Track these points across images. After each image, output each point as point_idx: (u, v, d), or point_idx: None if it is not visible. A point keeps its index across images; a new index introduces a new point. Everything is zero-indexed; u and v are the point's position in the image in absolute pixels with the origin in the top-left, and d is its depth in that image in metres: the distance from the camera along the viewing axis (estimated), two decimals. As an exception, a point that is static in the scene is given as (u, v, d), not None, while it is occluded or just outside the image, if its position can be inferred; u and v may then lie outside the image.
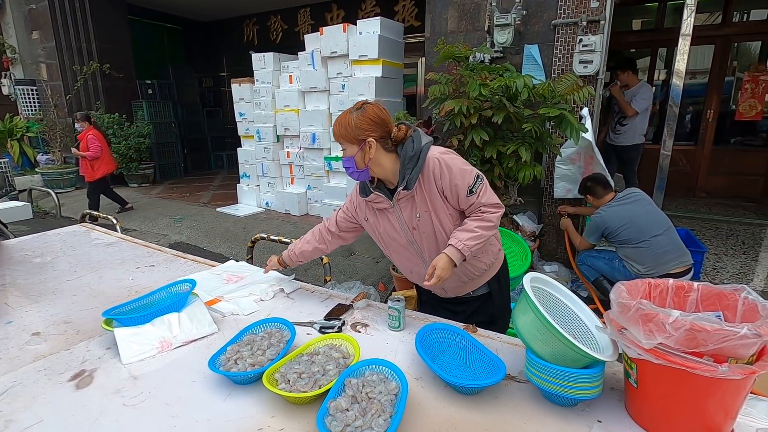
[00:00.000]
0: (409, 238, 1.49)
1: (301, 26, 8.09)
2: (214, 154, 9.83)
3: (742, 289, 0.95)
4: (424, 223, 1.44)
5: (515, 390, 1.09)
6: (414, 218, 1.44)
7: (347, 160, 1.42)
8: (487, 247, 1.52)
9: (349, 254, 4.36)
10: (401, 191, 1.40)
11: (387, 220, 1.50)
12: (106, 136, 6.08)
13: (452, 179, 1.36)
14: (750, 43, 5.79)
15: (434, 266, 1.35)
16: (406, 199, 1.43)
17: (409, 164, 1.39)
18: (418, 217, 1.43)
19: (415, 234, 1.47)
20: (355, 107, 1.40)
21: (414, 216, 1.44)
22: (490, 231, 1.38)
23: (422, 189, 1.40)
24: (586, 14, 3.36)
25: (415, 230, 1.46)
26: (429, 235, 1.45)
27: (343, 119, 1.39)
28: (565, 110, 2.81)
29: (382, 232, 1.54)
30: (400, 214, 1.46)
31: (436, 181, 1.38)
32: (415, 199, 1.42)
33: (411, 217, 1.44)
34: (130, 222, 5.47)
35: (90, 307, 1.57)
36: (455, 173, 1.36)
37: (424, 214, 1.42)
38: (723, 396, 0.85)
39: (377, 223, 1.53)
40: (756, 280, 3.33)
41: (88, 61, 7.14)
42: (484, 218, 1.37)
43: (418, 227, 1.45)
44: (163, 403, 1.05)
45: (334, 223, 1.65)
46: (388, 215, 1.49)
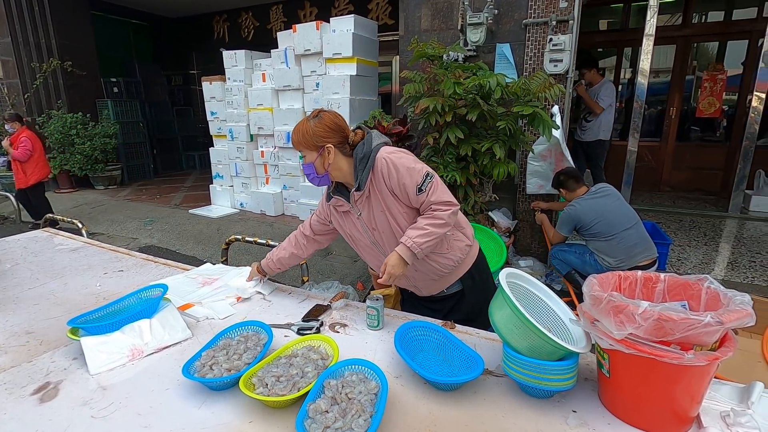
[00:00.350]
0: (371, 238, 1.52)
1: (274, 23, 7.96)
2: (186, 154, 9.56)
3: (705, 279, 1.00)
4: (381, 223, 1.47)
5: (493, 384, 1.11)
6: (372, 219, 1.47)
7: (307, 166, 1.46)
8: (452, 243, 1.53)
9: (326, 254, 4.33)
10: (355, 193, 1.44)
11: (351, 222, 1.54)
12: (43, 139, 5.71)
13: (400, 178, 1.38)
14: (708, 44, 6.07)
15: (386, 264, 1.39)
16: (362, 200, 1.46)
17: (360, 165, 1.43)
18: (368, 217, 1.47)
19: (376, 234, 1.50)
20: (311, 115, 1.45)
21: (371, 216, 1.47)
22: (442, 228, 1.39)
23: (374, 189, 1.43)
24: (556, 14, 3.44)
25: (375, 230, 1.50)
26: (388, 234, 1.48)
27: (300, 127, 1.43)
28: (537, 108, 2.87)
29: (348, 234, 1.58)
30: (360, 215, 1.49)
31: (385, 181, 1.40)
32: (370, 199, 1.45)
33: (369, 218, 1.48)
34: (96, 226, 5.26)
35: (54, 315, 1.49)
36: (402, 172, 1.38)
37: (380, 214, 1.45)
38: (689, 382, 0.89)
39: (343, 225, 1.57)
40: (717, 269, 3.50)
41: (47, 58, 6.81)
42: (435, 216, 1.38)
43: (377, 227, 1.49)
44: (135, 414, 1.01)
45: (309, 227, 1.67)
46: (351, 217, 1.53)
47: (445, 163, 3.05)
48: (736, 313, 0.83)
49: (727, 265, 3.54)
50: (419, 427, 0.96)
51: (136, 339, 1.25)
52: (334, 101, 4.71)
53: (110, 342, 1.22)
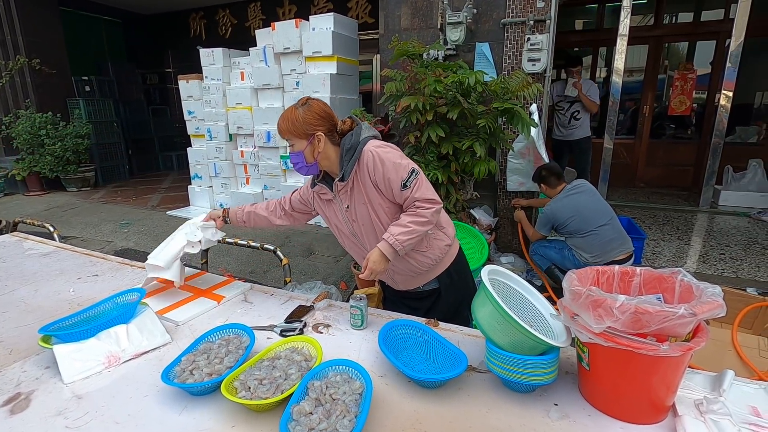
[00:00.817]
0: (350, 229, 1.53)
1: (252, 21, 7.84)
2: (162, 154, 9.33)
3: (678, 272, 1.03)
4: (361, 215, 1.47)
5: (477, 380, 1.12)
6: (353, 210, 1.48)
7: (296, 155, 1.43)
8: (431, 242, 1.53)
9: (309, 254, 4.30)
10: (338, 182, 1.45)
11: (332, 211, 1.55)
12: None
13: (385, 172, 1.37)
14: (679, 44, 6.27)
15: (368, 259, 1.39)
16: (345, 191, 1.46)
17: (346, 156, 1.42)
18: (354, 208, 1.47)
19: (356, 226, 1.51)
20: (299, 103, 1.42)
21: (352, 206, 1.47)
22: (424, 227, 1.39)
23: (358, 181, 1.43)
24: (533, 14, 3.49)
25: (354, 222, 1.50)
26: (368, 227, 1.48)
27: (289, 115, 1.40)
28: (516, 105, 2.91)
29: (331, 223, 1.59)
30: (342, 205, 1.49)
31: (370, 174, 1.40)
32: (353, 191, 1.45)
33: (351, 209, 1.48)
34: (69, 229, 5.09)
35: (24, 323, 1.44)
36: (388, 167, 1.37)
37: (361, 206, 1.45)
38: (665, 372, 0.91)
39: (326, 212, 1.58)
40: (689, 262, 3.63)
41: (14, 56, 6.54)
42: (418, 213, 1.38)
43: (357, 219, 1.49)
44: (112, 422, 0.98)
45: (288, 201, 1.69)
46: (333, 206, 1.53)
47: (427, 162, 3.07)
48: (708, 304, 0.86)
49: (699, 258, 3.67)
50: (404, 426, 0.97)
51: (112, 345, 1.21)
52: (314, 100, 4.66)
53: (85, 349, 1.18)
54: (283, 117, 1.42)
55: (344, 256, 4.14)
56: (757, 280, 3.25)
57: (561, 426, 0.95)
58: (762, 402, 0.98)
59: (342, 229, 1.56)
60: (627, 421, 0.95)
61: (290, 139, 1.42)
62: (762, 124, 5.84)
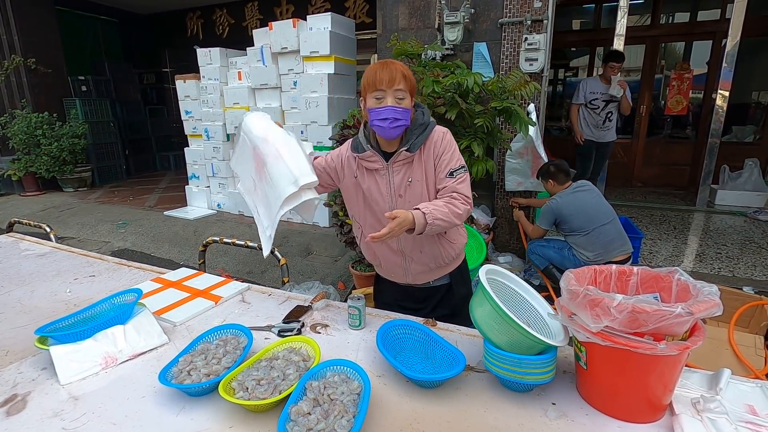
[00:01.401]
0: (391, 205, 1.45)
1: (249, 21, 7.82)
2: (160, 154, 9.30)
3: (675, 271, 1.03)
4: (412, 191, 1.42)
5: (475, 380, 1.12)
6: (404, 184, 1.42)
7: (405, 111, 1.34)
8: (458, 236, 1.55)
9: (307, 254, 4.30)
10: (403, 152, 1.38)
11: (374, 181, 1.45)
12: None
13: (445, 153, 1.39)
14: (675, 44, 6.30)
15: (397, 215, 1.23)
16: (403, 163, 1.41)
17: (416, 130, 1.40)
18: (409, 182, 1.41)
19: (399, 202, 1.44)
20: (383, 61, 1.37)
21: (405, 181, 1.42)
22: (456, 219, 1.35)
23: (421, 156, 1.41)
24: (530, 14, 3.49)
25: (401, 198, 1.44)
26: (414, 205, 1.38)
27: (401, 68, 1.33)
28: (514, 104, 2.91)
29: (365, 195, 1.48)
30: (391, 177, 1.43)
31: (435, 150, 1.40)
32: (412, 165, 1.41)
33: (401, 183, 1.42)
34: (66, 230, 5.07)
35: (20, 324, 1.43)
36: (451, 151, 1.40)
37: (417, 183, 1.41)
38: (662, 371, 0.92)
39: (363, 182, 1.47)
40: (686, 261, 3.64)
41: (9, 55, 6.51)
42: (454, 204, 1.36)
43: (405, 195, 1.43)
44: (110, 424, 0.98)
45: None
46: (377, 177, 1.45)
47: (425, 162, 3.07)
48: (705, 303, 0.86)
49: (695, 257, 3.69)
50: (402, 426, 0.97)
51: (109, 346, 1.21)
52: (312, 99, 4.67)
53: (82, 350, 1.17)
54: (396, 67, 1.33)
55: (342, 257, 4.14)
56: (753, 279, 3.27)
57: (559, 425, 0.96)
58: (759, 400, 0.99)
59: (379, 202, 1.46)
60: (624, 420, 0.96)
61: (404, 93, 1.33)
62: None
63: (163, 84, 9.41)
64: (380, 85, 1.31)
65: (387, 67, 1.33)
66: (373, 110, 1.34)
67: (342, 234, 3.36)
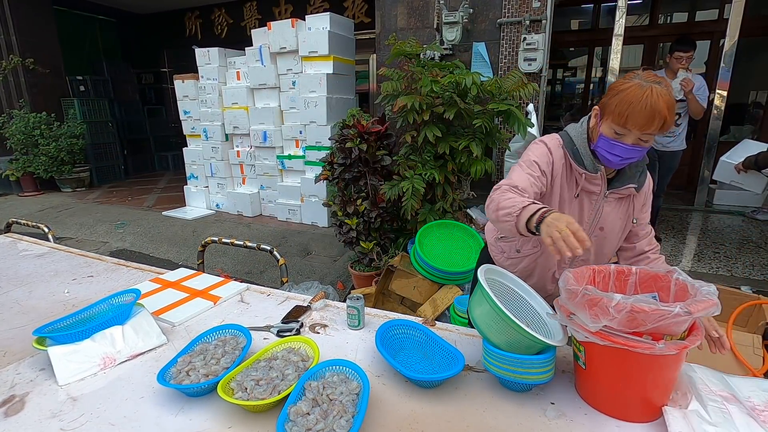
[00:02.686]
0: (589, 233, 1.27)
1: (248, 21, 7.82)
2: (158, 154, 9.30)
3: (674, 271, 1.04)
4: (613, 230, 1.29)
5: (474, 380, 1.12)
6: (611, 219, 1.28)
7: (644, 150, 1.15)
8: None
9: (306, 254, 4.30)
10: (632, 188, 1.24)
11: (579, 205, 1.28)
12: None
13: (649, 202, 1.32)
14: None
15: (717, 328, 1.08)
16: (619, 198, 1.27)
17: (640, 166, 1.27)
18: (634, 223, 1.30)
19: (597, 235, 1.30)
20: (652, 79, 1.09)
21: (615, 217, 1.28)
22: None
23: (637, 198, 1.29)
24: (529, 14, 3.50)
25: (601, 231, 1.30)
26: (607, 243, 1.31)
27: (671, 103, 1.07)
28: (512, 106, 2.91)
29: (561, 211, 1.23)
30: (601, 207, 1.27)
31: (645, 197, 1.30)
32: (624, 202, 1.28)
33: (608, 217, 1.28)
34: (64, 230, 5.06)
35: (19, 325, 1.42)
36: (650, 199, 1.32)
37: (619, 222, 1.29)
38: (661, 370, 0.92)
39: (572, 203, 1.28)
40: (684, 261, 3.64)
41: (7, 55, 6.50)
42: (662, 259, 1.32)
43: (606, 230, 1.29)
44: (108, 424, 0.98)
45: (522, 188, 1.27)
46: (585, 201, 1.27)
47: (424, 161, 3.07)
48: (703, 303, 0.87)
49: (694, 257, 3.69)
50: (402, 426, 0.96)
51: (107, 347, 1.21)
52: (311, 99, 4.67)
53: (80, 351, 1.17)
54: (667, 102, 1.06)
55: (341, 256, 4.14)
56: (751, 278, 3.27)
57: (558, 425, 0.96)
58: (758, 399, 0.99)
59: None
60: (623, 419, 0.96)
61: (653, 136, 1.12)
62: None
63: (161, 84, 9.40)
64: (631, 126, 1.09)
65: (649, 105, 1.05)
66: (605, 139, 1.15)
67: (341, 234, 3.36)
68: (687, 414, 0.91)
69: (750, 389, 0.98)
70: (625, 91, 1.09)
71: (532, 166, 1.25)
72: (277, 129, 5.08)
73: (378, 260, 3.21)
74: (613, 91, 1.12)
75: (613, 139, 1.13)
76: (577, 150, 1.25)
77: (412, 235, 3.19)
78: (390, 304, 2.91)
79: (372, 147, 3.18)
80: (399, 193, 2.95)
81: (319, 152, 4.74)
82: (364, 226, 3.25)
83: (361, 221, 3.24)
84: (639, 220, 1.32)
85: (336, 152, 3.31)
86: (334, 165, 3.30)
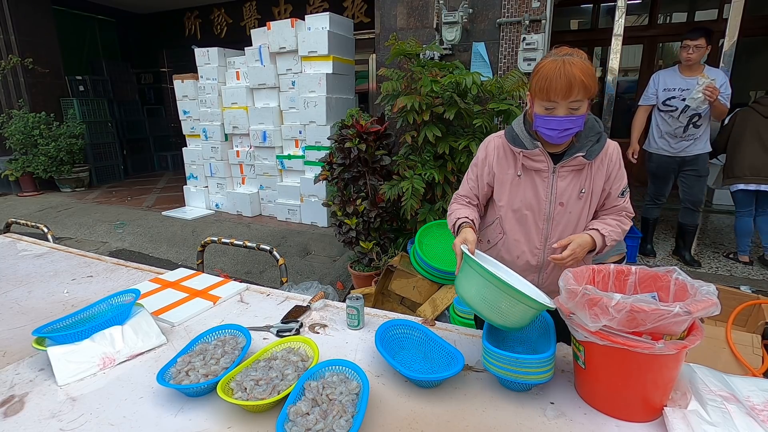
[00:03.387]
0: (547, 212, 1.32)
1: (247, 20, 7.81)
2: (158, 154, 9.29)
3: (673, 271, 1.04)
4: (573, 203, 1.30)
5: (473, 380, 1.12)
6: (568, 193, 1.29)
7: (579, 119, 1.18)
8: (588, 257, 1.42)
9: (305, 254, 4.30)
10: (579, 157, 1.25)
11: (532, 183, 1.32)
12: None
13: (620, 169, 1.30)
14: (673, 43, 6.30)
15: (570, 240, 1.21)
16: (573, 170, 1.28)
17: (592, 136, 1.27)
18: (582, 192, 1.29)
19: (558, 211, 1.31)
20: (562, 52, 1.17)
21: (571, 189, 1.29)
22: (621, 237, 1.30)
23: (592, 166, 1.28)
24: (528, 14, 3.50)
25: (561, 207, 1.31)
26: (572, 218, 1.31)
27: (580, 74, 1.12)
28: (512, 105, 2.91)
29: (518, 195, 1.34)
30: (554, 182, 1.29)
31: (611, 164, 1.29)
32: (582, 173, 1.29)
33: (564, 191, 1.29)
34: (63, 230, 5.05)
35: (18, 325, 1.42)
36: (622, 170, 1.31)
37: (579, 195, 1.30)
38: (660, 370, 0.92)
39: (517, 182, 1.33)
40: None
41: (6, 55, 6.49)
42: (623, 222, 1.30)
43: (567, 204, 1.30)
44: (107, 424, 0.98)
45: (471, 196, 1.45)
46: (536, 179, 1.31)
47: (423, 161, 3.07)
48: (703, 302, 0.87)
49: (693, 257, 3.69)
50: (401, 425, 0.96)
51: (107, 347, 1.20)
52: (310, 99, 4.67)
53: (79, 351, 1.17)
54: (581, 69, 1.12)
55: (341, 256, 4.14)
56: (750, 278, 3.28)
57: (557, 424, 0.96)
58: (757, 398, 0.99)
59: (532, 206, 1.32)
60: (623, 419, 0.96)
61: (580, 102, 1.15)
62: None
63: (161, 84, 9.39)
64: (553, 97, 1.15)
65: (563, 74, 1.12)
66: (539, 117, 1.21)
67: (340, 234, 3.36)
68: (686, 414, 0.91)
69: (749, 389, 0.98)
70: (541, 69, 1.18)
71: (470, 171, 1.45)
72: (276, 129, 5.08)
73: (377, 260, 3.21)
74: (534, 73, 1.21)
75: (545, 116, 1.20)
76: (516, 135, 1.32)
77: (412, 235, 3.19)
78: (389, 304, 2.91)
79: (371, 147, 3.18)
80: (398, 193, 2.95)
81: (319, 152, 4.74)
82: (363, 226, 3.25)
83: (361, 221, 3.23)
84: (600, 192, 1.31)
85: (335, 152, 3.31)
86: (334, 165, 3.30)
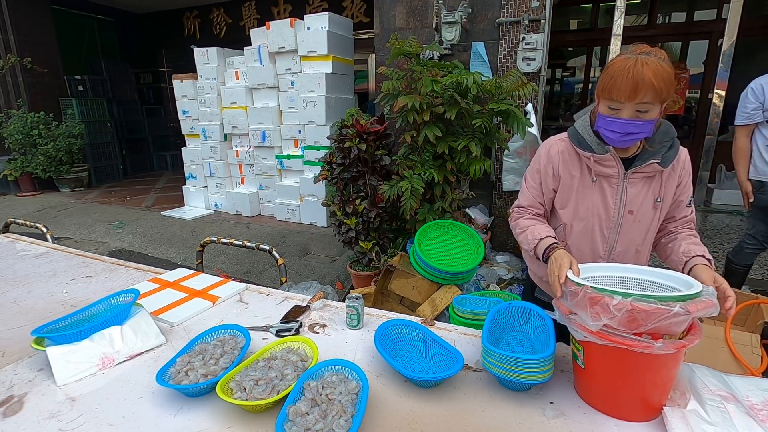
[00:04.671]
0: (615, 221, 1.25)
1: (247, 20, 7.81)
2: (157, 154, 9.28)
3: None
4: (644, 212, 1.22)
5: (473, 379, 1.12)
6: (639, 200, 1.22)
7: (647, 123, 1.10)
8: None
9: (304, 254, 4.29)
10: (654, 164, 1.17)
11: (600, 190, 1.24)
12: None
13: (689, 177, 1.24)
14: (672, 43, 6.31)
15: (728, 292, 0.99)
16: (644, 177, 1.21)
17: (665, 142, 1.19)
18: (658, 201, 1.22)
19: (627, 219, 1.24)
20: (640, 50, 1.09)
21: (644, 198, 1.22)
22: None
23: (664, 174, 1.21)
24: (528, 13, 3.50)
25: (630, 215, 1.24)
26: (641, 227, 1.24)
27: (659, 70, 1.04)
28: (511, 105, 2.91)
29: (585, 201, 1.27)
30: (623, 189, 1.22)
31: (683, 171, 1.22)
32: (652, 182, 1.21)
33: (635, 199, 1.22)
34: (62, 230, 5.05)
35: (17, 325, 1.42)
36: (691, 178, 1.25)
37: (650, 203, 1.23)
38: (660, 369, 0.92)
39: (583, 187, 1.26)
40: (683, 260, 3.64)
41: (5, 54, 6.49)
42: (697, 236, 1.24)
43: (636, 213, 1.23)
44: (107, 425, 0.97)
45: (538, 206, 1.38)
46: (605, 185, 1.23)
47: (423, 161, 3.07)
48: (702, 303, 0.87)
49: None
50: (401, 425, 0.96)
51: (106, 347, 1.20)
52: (309, 99, 4.66)
53: (78, 351, 1.17)
54: (654, 70, 1.04)
55: (341, 256, 4.14)
56: (749, 278, 3.28)
57: (557, 424, 0.96)
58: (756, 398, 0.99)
59: (599, 214, 1.25)
60: (622, 418, 0.96)
61: (650, 105, 1.07)
62: None
63: (160, 83, 9.38)
64: (616, 96, 1.08)
65: (631, 74, 1.05)
66: (602, 117, 1.15)
67: (340, 234, 3.36)
68: (686, 413, 0.91)
69: (748, 388, 0.99)
70: (611, 66, 1.11)
71: (532, 178, 1.37)
72: (275, 129, 5.08)
73: (377, 260, 3.21)
74: (603, 70, 1.15)
75: (608, 116, 1.13)
76: (582, 137, 1.24)
77: (411, 234, 3.19)
78: (389, 303, 2.91)
79: (371, 147, 3.18)
80: (398, 192, 2.95)
81: (318, 152, 4.73)
82: (363, 225, 3.25)
83: (360, 221, 3.23)
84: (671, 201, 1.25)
85: (335, 152, 3.31)
86: (333, 165, 3.29)
